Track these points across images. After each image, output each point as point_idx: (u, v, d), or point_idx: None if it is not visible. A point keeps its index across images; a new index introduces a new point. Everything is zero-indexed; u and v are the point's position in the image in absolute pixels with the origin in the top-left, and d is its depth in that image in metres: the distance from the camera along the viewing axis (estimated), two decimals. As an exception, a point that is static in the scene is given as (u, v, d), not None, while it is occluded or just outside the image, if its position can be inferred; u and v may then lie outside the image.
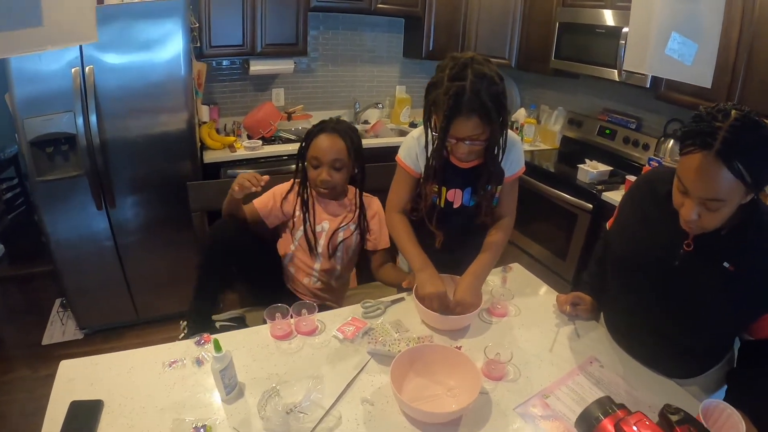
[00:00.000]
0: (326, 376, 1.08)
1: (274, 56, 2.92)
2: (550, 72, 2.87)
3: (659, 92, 2.25)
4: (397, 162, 1.43)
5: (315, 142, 1.46)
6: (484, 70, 1.14)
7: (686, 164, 0.90)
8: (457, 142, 1.21)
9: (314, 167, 1.48)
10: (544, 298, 1.46)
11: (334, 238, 1.56)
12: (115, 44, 2.03)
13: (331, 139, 1.46)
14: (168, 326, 2.51)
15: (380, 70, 3.49)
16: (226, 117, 3.06)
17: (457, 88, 1.12)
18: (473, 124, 1.16)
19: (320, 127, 1.48)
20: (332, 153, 1.45)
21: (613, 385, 1.10)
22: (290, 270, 1.62)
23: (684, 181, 0.91)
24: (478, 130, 1.17)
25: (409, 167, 1.40)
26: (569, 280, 2.58)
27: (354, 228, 1.58)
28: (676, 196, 0.97)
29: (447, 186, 1.38)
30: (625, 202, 1.25)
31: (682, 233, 1.02)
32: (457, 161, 1.34)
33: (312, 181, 1.50)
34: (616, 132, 2.75)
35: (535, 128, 3.20)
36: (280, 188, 1.60)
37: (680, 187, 0.94)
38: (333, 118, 1.54)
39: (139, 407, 0.99)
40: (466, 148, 1.21)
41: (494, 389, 1.07)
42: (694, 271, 1.02)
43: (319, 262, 1.59)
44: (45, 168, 2.11)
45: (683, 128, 0.92)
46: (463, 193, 1.40)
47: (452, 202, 1.41)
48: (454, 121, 1.15)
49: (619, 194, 2.29)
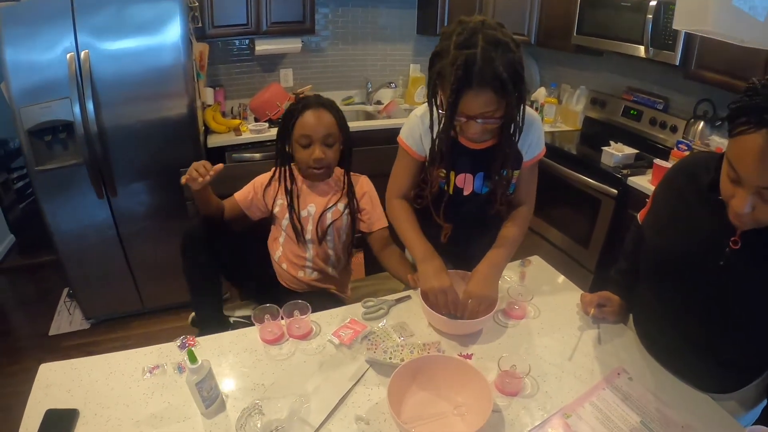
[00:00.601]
0: (318, 388, 0.97)
1: (281, 35, 2.81)
2: (571, 48, 2.71)
3: (689, 70, 2.07)
4: (399, 144, 1.28)
5: (302, 120, 1.35)
6: (497, 36, 0.97)
7: (739, 147, 0.74)
8: (468, 120, 1.04)
9: (304, 146, 1.37)
10: (567, 296, 1.31)
11: (323, 220, 1.45)
12: (110, 28, 1.97)
13: (319, 114, 1.35)
14: (174, 315, 2.48)
15: (393, 48, 3.33)
16: (232, 99, 2.97)
17: (466, 56, 0.95)
18: (486, 99, 0.99)
19: (303, 104, 1.36)
20: (323, 128, 1.35)
21: (643, 401, 0.96)
22: (282, 266, 1.51)
23: (737, 168, 0.75)
24: (492, 106, 1.01)
25: (411, 149, 1.25)
26: (591, 269, 2.44)
27: (343, 208, 1.46)
28: (726, 185, 0.81)
29: (456, 170, 1.22)
30: (660, 192, 1.09)
31: (728, 228, 0.87)
32: (467, 142, 1.18)
33: (303, 163, 1.39)
34: (642, 113, 2.60)
35: (555, 108, 3.05)
36: (260, 178, 1.51)
37: (731, 175, 0.78)
38: (310, 95, 1.42)
39: (114, 418, 0.92)
40: (478, 127, 1.05)
41: (508, 406, 0.94)
42: (742, 272, 0.87)
43: (309, 250, 1.48)
44: (44, 157, 2.08)
45: (733, 104, 0.76)
46: (474, 178, 1.23)
47: (462, 189, 1.25)
48: (464, 96, 0.98)
49: (645, 179, 2.15)
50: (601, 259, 2.37)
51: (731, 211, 0.81)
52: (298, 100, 1.39)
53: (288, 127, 1.38)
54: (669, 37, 2.06)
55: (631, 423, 0.90)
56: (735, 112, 0.75)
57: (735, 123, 0.74)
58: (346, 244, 1.52)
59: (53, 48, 1.91)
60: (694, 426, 0.90)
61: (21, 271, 2.99)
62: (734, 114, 0.75)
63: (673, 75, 2.33)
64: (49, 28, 1.90)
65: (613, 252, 2.21)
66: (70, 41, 1.92)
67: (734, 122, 0.75)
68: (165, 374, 1.02)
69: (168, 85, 2.12)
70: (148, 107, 2.12)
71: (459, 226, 1.29)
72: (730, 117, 0.76)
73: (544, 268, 1.45)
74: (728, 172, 0.79)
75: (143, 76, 2.06)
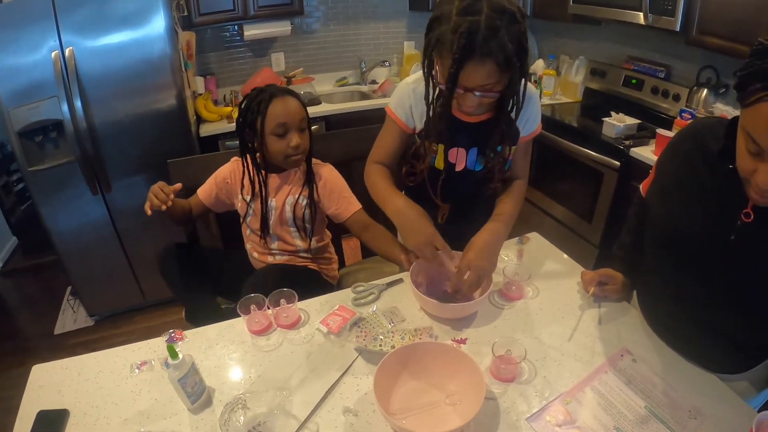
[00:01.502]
0: (305, 379, 0.94)
1: (270, 18, 2.74)
2: (569, 18, 2.61)
3: (690, 36, 1.98)
4: (387, 113, 1.20)
5: (272, 110, 1.30)
6: (503, 4, 0.89)
7: (758, 116, 0.66)
8: (465, 93, 0.97)
9: (279, 136, 1.32)
10: (567, 274, 1.25)
11: (283, 215, 1.42)
12: (93, 23, 1.94)
13: (288, 101, 1.32)
14: (176, 307, 2.47)
15: (386, 26, 3.24)
16: (224, 87, 2.92)
17: (469, 24, 0.87)
18: (487, 71, 0.92)
19: (268, 94, 1.30)
20: (297, 114, 1.33)
21: (648, 385, 0.90)
22: (254, 255, 1.50)
23: (758, 138, 0.67)
24: (493, 79, 0.93)
25: (400, 120, 1.17)
26: (596, 243, 2.40)
27: (303, 199, 1.42)
28: (745, 160, 0.73)
29: (447, 144, 1.15)
30: (665, 161, 1.01)
31: (739, 201, 0.80)
32: (461, 114, 1.11)
33: (279, 153, 1.34)
34: (644, 82, 2.52)
35: (554, 80, 2.97)
36: (221, 172, 1.47)
37: (751, 148, 0.70)
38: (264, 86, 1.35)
39: (103, 417, 0.90)
40: (475, 100, 0.98)
41: (503, 393, 0.90)
42: (755, 247, 0.81)
43: (274, 242, 1.46)
44: (36, 157, 2.08)
45: (742, 71, 0.68)
46: (467, 153, 1.17)
47: (454, 165, 1.18)
48: (465, 66, 0.91)
49: (648, 150, 2.08)
50: (605, 234, 2.32)
51: (754, 187, 0.73)
52: (259, 92, 1.32)
53: (253, 120, 1.31)
54: (668, 2, 1.97)
55: (636, 408, 0.85)
56: (746, 79, 0.67)
57: (747, 91, 0.67)
58: (312, 232, 1.48)
59: (38, 47, 1.89)
60: (703, 410, 0.85)
61: (25, 272, 3.01)
62: (745, 80, 0.67)
63: (673, 41, 2.25)
64: (32, 28, 1.88)
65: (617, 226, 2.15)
66: (54, 39, 1.90)
67: (746, 90, 0.67)
68: (153, 370, 1.00)
69: (155, 77, 2.08)
70: (137, 101, 2.09)
71: (451, 206, 1.24)
72: (740, 84, 0.69)
73: (544, 246, 1.39)
74: (747, 145, 0.71)
75: (129, 70, 2.02)
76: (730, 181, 0.79)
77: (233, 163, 1.46)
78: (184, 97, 2.17)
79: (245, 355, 1.02)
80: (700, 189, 0.89)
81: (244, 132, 1.35)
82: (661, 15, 2.02)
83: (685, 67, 2.34)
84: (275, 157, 1.36)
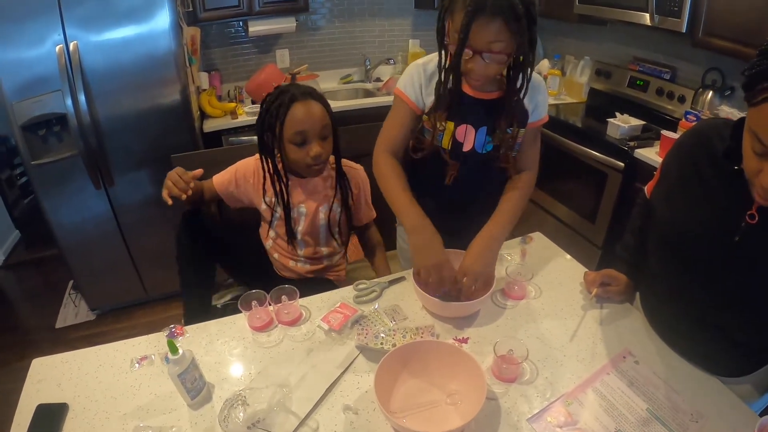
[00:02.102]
0: (306, 376, 0.93)
1: (274, 15, 2.74)
2: (574, 18, 2.61)
3: (696, 38, 1.97)
4: (396, 95, 1.18)
5: (292, 116, 1.21)
6: None
7: (764, 115, 0.65)
8: (474, 55, 0.98)
9: (298, 144, 1.23)
10: (570, 275, 1.24)
11: (315, 221, 1.37)
12: (98, 18, 1.93)
13: (309, 106, 1.22)
14: (178, 302, 2.42)
15: (391, 23, 3.23)
16: (229, 83, 2.92)
17: None
18: (497, 28, 0.94)
19: (289, 97, 1.21)
20: (318, 121, 1.23)
21: (651, 387, 0.90)
22: (274, 256, 1.46)
23: (764, 138, 0.67)
24: (502, 37, 0.95)
25: (410, 100, 1.15)
26: (599, 245, 2.39)
27: (338, 208, 1.38)
28: (751, 160, 0.72)
29: (456, 121, 1.14)
30: (670, 161, 1.01)
31: (744, 202, 0.79)
32: (471, 90, 1.11)
33: (299, 162, 1.26)
34: (649, 83, 2.50)
35: (559, 80, 2.96)
36: (244, 167, 1.37)
37: (757, 148, 0.69)
38: (284, 84, 1.30)
39: (102, 412, 0.90)
40: (484, 65, 0.99)
41: (505, 394, 0.89)
42: (759, 248, 0.80)
43: (301, 248, 1.42)
44: (39, 151, 2.07)
45: (749, 70, 0.67)
46: (476, 133, 1.15)
47: (462, 144, 1.16)
48: (476, 20, 0.93)
49: (652, 151, 2.07)
50: (608, 235, 2.31)
51: (758, 188, 0.73)
52: (279, 93, 1.24)
53: (272, 124, 1.23)
54: (675, 3, 1.95)
55: (637, 411, 0.85)
56: (753, 78, 0.66)
57: (755, 90, 0.66)
58: (341, 238, 1.45)
59: (42, 41, 1.89)
60: (705, 413, 0.84)
61: (27, 265, 3.01)
62: (753, 80, 0.67)
63: (679, 43, 2.24)
64: (37, 22, 1.87)
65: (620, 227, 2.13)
66: (58, 33, 1.89)
67: (753, 90, 0.66)
68: (153, 365, 1.00)
69: (159, 73, 2.08)
70: (141, 95, 2.08)
71: (456, 195, 1.22)
72: (747, 84, 0.68)
73: (547, 245, 1.38)
74: (753, 145, 0.70)
75: (134, 65, 2.02)
76: (735, 182, 0.79)
77: (251, 161, 1.35)
78: (188, 92, 2.17)
79: (246, 351, 1.02)
80: (704, 190, 0.88)
81: (264, 135, 1.27)
82: (668, 16, 2.01)
83: (691, 68, 2.32)
84: (294, 166, 1.29)
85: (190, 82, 2.23)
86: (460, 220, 1.25)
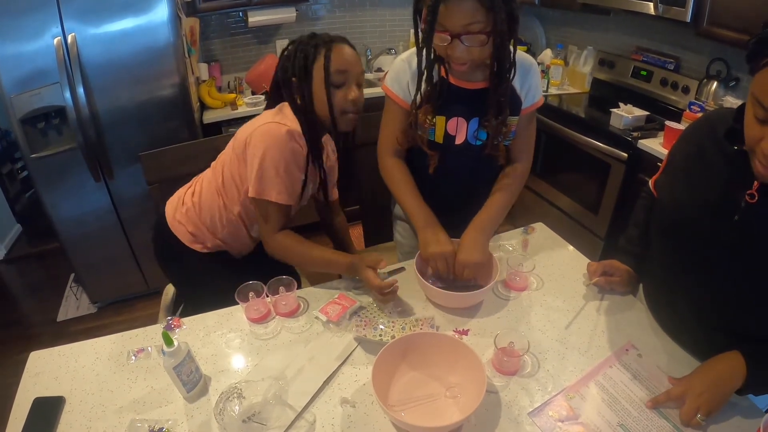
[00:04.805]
0: (303, 368, 0.92)
1: (274, 5, 2.70)
2: (577, 7, 2.55)
3: (701, 28, 1.93)
4: (385, 93, 1.16)
5: (337, 54, 1.08)
6: None
7: (766, 79, 0.66)
8: (452, 41, 0.93)
9: (338, 86, 1.11)
10: (572, 266, 1.22)
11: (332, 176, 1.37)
12: (96, 10, 1.91)
13: (348, 50, 1.12)
14: (179, 296, 2.47)
15: (392, 13, 3.19)
16: (229, 74, 2.90)
17: None
18: (469, 8, 0.89)
19: (325, 39, 1.11)
20: (357, 64, 1.13)
21: (654, 381, 0.88)
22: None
23: (765, 102, 0.66)
24: (477, 18, 0.90)
25: (398, 97, 1.14)
26: (602, 236, 2.36)
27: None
28: (753, 128, 0.71)
29: (447, 114, 1.11)
30: (676, 151, 0.99)
31: (744, 181, 0.78)
32: (458, 81, 1.08)
33: (336, 106, 1.12)
34: (653, 73, 2.46)
35: (562, 70, 2.91)
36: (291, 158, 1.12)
37: (759, 113, 0.68)
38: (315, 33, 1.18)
39: (98, 405, 0.90)
40: (465, 50, 0.94)
41: (505, 387, 0.87)
42: (759, 228, 0.79)
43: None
44: (38, 144, 2.07)
45: (756, 38, 0.68)
46: (468, 124, 1.13)
47: (454, 138, 1.14)
48: (443, 4, 0.88)
49: (656, 142, 2.03)
50: (611, 226, 2.29)
51: (760, 155, 0.71)
52: (311, 37, 1.13)
53: (304, 66, 1.08)
54: (679, -8, 1.92)
55: (640, 405, 0.83)
56: (758, 46, 0.67)
57: (759, 57, 0.66)
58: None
59: (40, 34, 1.87)
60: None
61: (29, 259, 3.01)
62: (757, 48, 0.67)
63: (684, 33, 2.21)
64: (35, 14, 1.85)
65: (623, 218, 2.13)
66: (56, 26, 1.88)
67: (757, 57, 0.67)
68: (149, 357, 0.99)
69: (158, 64, 2.06)
70: (139, 87, 2.07)
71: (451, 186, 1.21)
72: (752, 54, 0.68)
73: (549, 236, 1.36)
74: (755, 111, 0.69)
75: (132, 57, 2.00)
76: (735, 161, 0.79)
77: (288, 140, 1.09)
78: (187, 83, 2.15)
79: (243, 343, 1.01)
80: (706, 171, 0.87)
81: (290, 84, 1.13)
82: (672, 5, 1.97)
83: (695, 59, 2.29)
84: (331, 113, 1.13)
85: (189, 73, 2.22)
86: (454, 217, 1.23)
